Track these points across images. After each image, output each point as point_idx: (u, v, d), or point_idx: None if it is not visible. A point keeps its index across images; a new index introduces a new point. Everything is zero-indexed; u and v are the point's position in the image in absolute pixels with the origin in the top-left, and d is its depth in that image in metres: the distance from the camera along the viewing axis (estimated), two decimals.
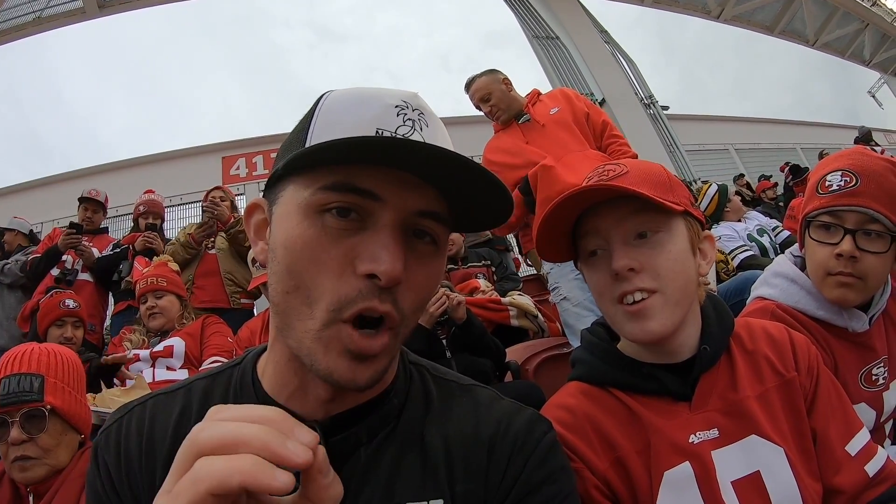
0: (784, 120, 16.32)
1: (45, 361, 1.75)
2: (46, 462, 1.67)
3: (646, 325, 1.05)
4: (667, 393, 1.11)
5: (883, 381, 1.55)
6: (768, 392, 1.11)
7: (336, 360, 0.70)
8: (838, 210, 1.51)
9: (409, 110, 0.76)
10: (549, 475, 0.83)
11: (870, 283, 1.50)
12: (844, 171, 1.52)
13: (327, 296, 0.70)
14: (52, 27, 9.99)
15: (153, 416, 0.85)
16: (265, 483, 0.48)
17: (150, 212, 5.31)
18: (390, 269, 0.68)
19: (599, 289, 1.12)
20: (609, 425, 1.11)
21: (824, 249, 1.53)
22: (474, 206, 0.77)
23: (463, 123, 9.42)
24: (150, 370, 3.20)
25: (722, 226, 4.95)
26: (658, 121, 11.58)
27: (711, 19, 15.27)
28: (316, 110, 0.78)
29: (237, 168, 9.58)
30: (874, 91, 21.48)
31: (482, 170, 0.71)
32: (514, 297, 3.93)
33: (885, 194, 1.46)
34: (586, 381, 1.20)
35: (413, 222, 0.74)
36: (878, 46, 19.40)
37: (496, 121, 3.58)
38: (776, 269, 1.74)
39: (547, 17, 11.75)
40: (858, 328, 1.54)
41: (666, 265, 1.06)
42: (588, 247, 1.13)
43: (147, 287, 3.50)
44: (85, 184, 8.83)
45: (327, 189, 0.70)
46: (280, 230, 0.74)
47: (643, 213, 1.07)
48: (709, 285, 3.75)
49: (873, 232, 1.47)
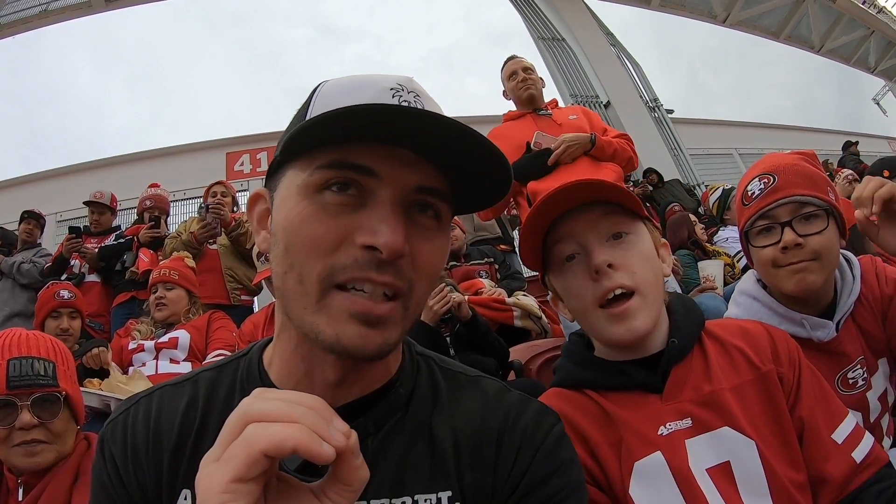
0: (788, 125, 16.30)
1: (52, 348, 1.72)
2: (56, 447, 1.64)
3: (631, 325, 1.10)
4: (637, 386, 1.16)
5: (863, 381, 1.57)
6: (744, 385, 1.14)
7: (343, 326, 0.70)
8: (768, 209, 1.56)
9: (405, 92, 0.76)
10: (558, 467, 0.84)
11: (825, 261, 1.52)
12: (761, 175, 1.60)
13: (318, 267, 0.70)
14: (58, 20, 9.99)
15: (160, 407, 0.85)
16: (315, 450, 0.54)
17: (156, 206, 5.38)
18: (391, 240, 0.68)
19: (579, 293, 1.16)
20: (583, 422, 1.16)
21: (768, 249, 1.58)
22: (473, 179, 0.78)
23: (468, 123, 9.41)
24: (154, 361, 3.23)
25: (729, 228, 4.97)
26: (662, 124, 11.57)
27: (717, 24, 15.25)
28: (313, 97, 0.79)
29: (241, 164, 9.60)
30: (879, 98, 21.46)
31: (477, 136, 0.71)
32: (519, 297, 3.93)
33: (804, 178, 1.55)
34: (563, 386, 1.27)
35: (413, 198, 0.74)
36: (884, 53, 19.36)
37: (523, 94, 3.59)
38: (741, 287, 1.79)
39: (553, 19, 11.75)
40: (824, 337, 1.56)
41: (640, 263, 1.13)
42: (564, 252, 1.17)
43: (159, 277, 3.56)
44: (89, 177, 8.89)
45: (324, 168, 0.71)
46: (280, 214, 0.75)
47: (613, 216, 1.14)
48: (716, 289, 3.82)
49: (808, 215, 1.52)
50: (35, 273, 5.01)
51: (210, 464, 0.56)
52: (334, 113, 0.66)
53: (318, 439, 0.54)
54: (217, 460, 0.55)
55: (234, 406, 0.81)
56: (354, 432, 0.60)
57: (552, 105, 3.65)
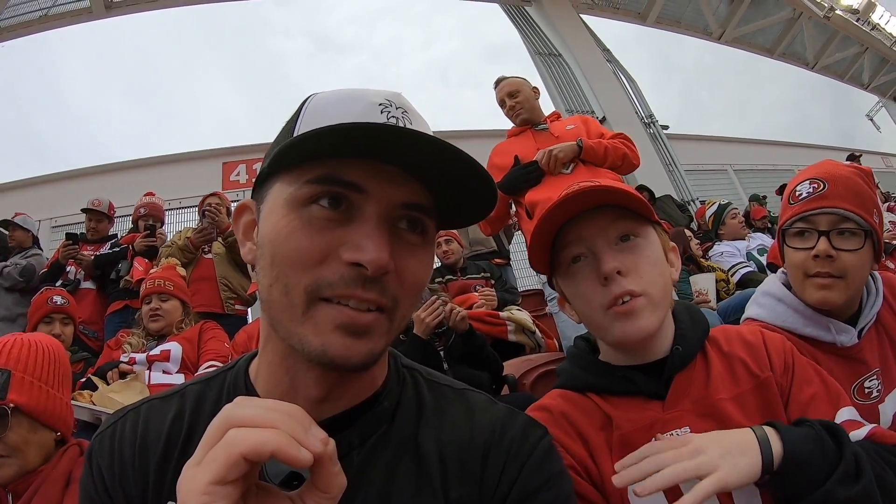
0: (782, 142, 16.38)
1: (16, 355, 1.63)
2: (16, 461, 1.56)
3: (637, 323, 1.10)
4: (640, 392, 1.16)
5: (877, 393, 1.57)
6: (744, 394, 1.13)
7: (329, 336, 0.71)
8: (810, 215, 1.57)
9: (393, 108, 0.77)
10: (546, 481, 0.83)
11: (850, 281, 1.53)
12: (812, 179, 1.59)
13: (304, 280, 0.70)
14: (57, 25, 9.94)
15: (147, 420, 0.86)
16: (293, 454, 0.56)
17: (150, 214, 5.36)
18: (376, 257, 0.69)
19: (586, 296, 1.16)
20: (584, 424, 1.16)
21: (801, 253, 1.59)
22: (459, 197, 0.78)
23: (464, 137, 9.46)
24: (147, 373, 3.20)
25: (724, 244, 5.00)
26: (658, 140, 11.60)
27: (712, 41, 15.34)
28: (302, 111, 0.80)
29: (237, 174, 9.55)
30: (872, 114, 21.60)
31: (462, 155, 0.72)
32: (513, 312, 3.95)
33: (853, 194, 1.53)
34: (567, 388, 1.26)
35: (399, 214, 0.75)
36: (878, 70, 19.51)
37: (515, 119, 3.64)
38: (765, 289, 1.78)
39: (550, 35, 11.79)
40: (847, 342, 1.56)
41: (648, 268, 1.13)
42: (571, 254, 1.16)
43: (153, 288, 3.51)
44: (85, 183, 8.85)
45: (312, 182, 0.72)
46: (267, 226, 0.76)
47: (623, 220, 1.14)
48: (709, 303, 3.82)
49: (846, 231, 1.52)
50: (15, 274, 4.98)
51: (191, 467, 0.58)
52: (325, 130, 0.67)
53: (296, 444, 0.57)
54: (198, 464, 0.58)
55: None
56: (332, 440, 0.62)
57: (553, 118, 3.66)
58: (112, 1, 9.96)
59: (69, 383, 1.80)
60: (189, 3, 10.80)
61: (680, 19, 14.64)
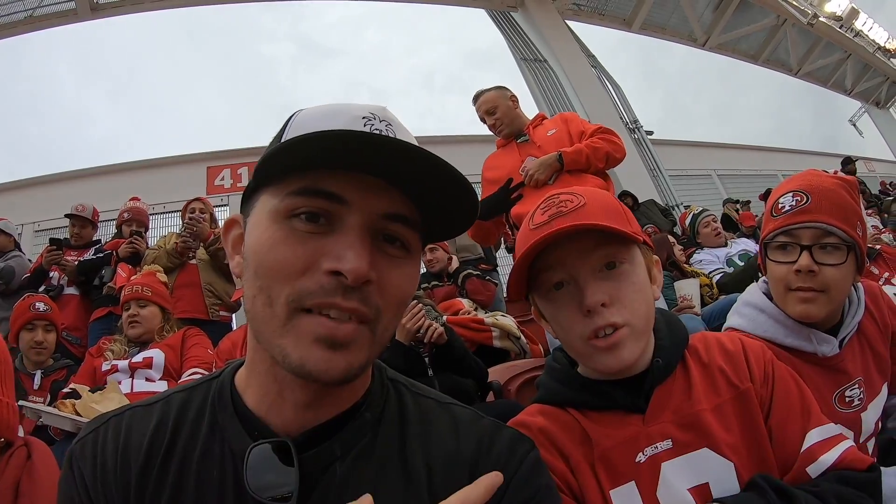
0: (766, 147, 16.56)
1: None
2: None
3: (619, 355, 1.07)
4: (620, 407, 1.14)
5: (859, 402, 1.56)
6: (724, 404, 1.12)
7: (308, 349, 0.70)
8: (792, 229, 1.55)
9: (377, 121, 0.77)
10: (534, 495, 0.83)
11: (832, 296, 1.53)
12: (795, 191, 1.57)
13: (286, 290, 0.71)
14: (43, 27, 9.83)
15: (129, 427, 0.85)
16: None
17: (134, 219, 5.32)
18: (356, 266, 0.69)
19: (567, 324, 1.12)
20: (563, 439, 1.14)
21: (783, 267, 1.57)
22: (441, 207, 0.79)
23: (448, 143, 9.47)
24: (129, 381, 3.19)
25: (703, 251, 5.03)
26: (642, 145, 11.68)
27: (697, 47, 15.45)
28: (288, 125, 0.81)
29: (222, 179, 9.51)
30: (855, 120, 21.86)
31: (445, 165, 0.72)
32: (498, 317, 3.93)
33: (837, 208, 1.52)
34: (546, 402, 1.23)
35: (381, 226, 0.75)
36: (860, 76, 19.76)
37: (498, 135, 3.64)
38: (746, 299, 1.77)
39: (536, 41, 11.85)
40: (828, 352, 1.55)
41: (632, 296, 1.09)
42: (552, 279, 1.13)
43: (132, 294, 3.49)
44: (69, 187, 8.78)
45: (295, 194, 0.72)
46: (251, 238, 0.76)
47: (607, 245, 1.09)
48: (693, 308, 3.81)
49: (829, 245, 1.51)
50: None
51: None
52: (302, 138, 0.68)
53: None
54: None
55: (201, 428, 0.83)
56: None
57: (536, 122, 3.63)
58: (97, 2, 9.88)
59: (10, 382, 1.61)
60: (174, 6, 10.75)
61: (665, 26, 14.76)
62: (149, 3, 10.36)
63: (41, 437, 2.60)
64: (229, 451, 0.80)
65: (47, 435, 2.68)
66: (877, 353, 1.64)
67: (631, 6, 13.75)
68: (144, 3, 10.29)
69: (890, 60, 19.60)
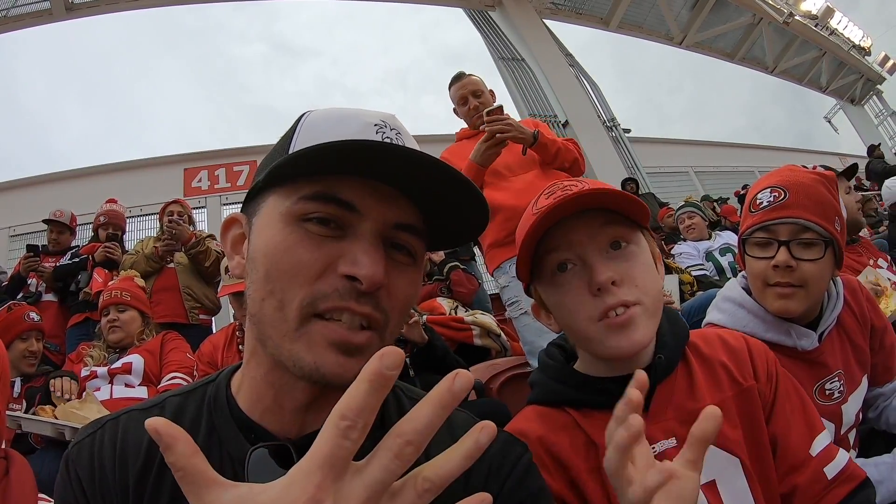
0: (742, 144, 16.75)
1: None
2: None
3: (632, 336, 1.03)
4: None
5: (839, 394, 1.58)
6: (726, 401, 1.10)
7: (323, 354, 0.70)
8: (770, 224, 1.56)
9: (388, 129, 0.78)
10: (527, 497, 0.84)
11: (811, 291, 1.53)
12: (773, 187, 1.58)
13: (300, 294, 0.70)
14: (17, 27, 9.69)
15: (126, 430, 0.84)
16: None
17: (111, 223, 5.27)
18: (371, 272, 0.69)
19: (574, 306, 1.07)
20: (562, 446, 1.10)
21: (761, 262, 1.58)
22: (451, 217, 0.79)
23: (423, 142, 9.46)
24: (108, 387, 3.18)
25: (685, 244, 5.08)
26: (620, 143, 11.78)
27: (674, 45, 15.57)
28: (298, 127, 0.80)
29: (199, 180, 9.43)
30: (830, 116, 22.17)
31: (460, 177, 0.73)
32: (478, 316, 3.96)
33: (815, 204, 1.52)
34: (542, 402, 1.20)
35: (391, 235, 0.75)
36: (835, 74, 20.07)
37: (472, 121, 3.49)
38: (725, 294, 1.77)
39: (513, 39, 11.91)
40: (808, 346, 1.56)
41: (642, 276, 1.06)
42: (557, 260, 1.08)
43: (111, 300, 3.48)
44: (44, 190, 8.67)
45: (308, 199, 0.72)
46: (260, 239, 0.75)
47: (613, 226, 1.06)
48: (673, 304, 3.81)
49: (807, 240, 1.52)
50: None
51: None
52: (324, 146, 0.67)
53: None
54: None
55: (199, 432, 0.84)
56: None
57: None
58: (73, 2, 9.76)
59: (5, 391, 1.55)
60: (149, 6, 10.65)
61: (642, 24, 14.90)
62: (124, 3, 10.26)
63: (22, 446, 2.59)
64: (227, 455, 0.79)
65: (28, 443, 2.69)
66: (856, 346, 1.66)
67: (608, 5, 13.88)
68: (119, 2, 10.18)
69: (864, 58, 19.92)
